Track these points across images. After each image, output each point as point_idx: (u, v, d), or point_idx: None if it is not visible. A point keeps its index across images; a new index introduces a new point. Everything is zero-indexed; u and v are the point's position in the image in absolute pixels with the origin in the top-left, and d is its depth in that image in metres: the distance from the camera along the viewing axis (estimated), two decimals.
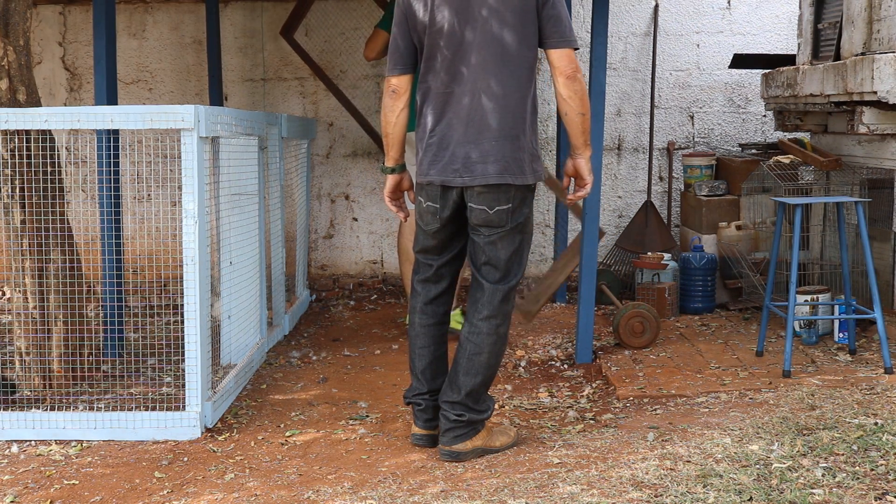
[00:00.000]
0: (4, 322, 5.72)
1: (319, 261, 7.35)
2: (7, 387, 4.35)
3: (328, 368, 5.18)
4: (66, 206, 4.59)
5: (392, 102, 3.72)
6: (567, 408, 4.36)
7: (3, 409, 4.08)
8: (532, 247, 4.73)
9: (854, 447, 3.41)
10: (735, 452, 3.41)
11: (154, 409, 4.14)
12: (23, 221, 4.40)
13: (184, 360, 4.00)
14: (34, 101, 4.50)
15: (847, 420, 3.72)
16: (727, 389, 4.37)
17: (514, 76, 3.60)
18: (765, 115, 7.19)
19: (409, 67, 3.72)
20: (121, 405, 4.27)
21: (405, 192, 3.95)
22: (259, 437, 4.02)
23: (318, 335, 5.97)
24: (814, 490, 3.06)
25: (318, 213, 7.32)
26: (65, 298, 4.45)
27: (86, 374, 4.54)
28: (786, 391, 4.26)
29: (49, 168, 4.39)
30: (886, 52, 5.02)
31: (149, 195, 6.67)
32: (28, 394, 4.39)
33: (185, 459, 3.76)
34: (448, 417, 3.68)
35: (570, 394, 4.61)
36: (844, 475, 3.17)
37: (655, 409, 4.19)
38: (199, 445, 3.90)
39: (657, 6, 7.13)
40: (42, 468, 3.70)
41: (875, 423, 3.64)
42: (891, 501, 2.98)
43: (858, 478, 3.15)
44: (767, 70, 6.68)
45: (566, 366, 5.08)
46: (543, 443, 3.81)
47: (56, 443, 3.95)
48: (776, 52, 7.03)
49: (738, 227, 6.26)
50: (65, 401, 4.32)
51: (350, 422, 4.24)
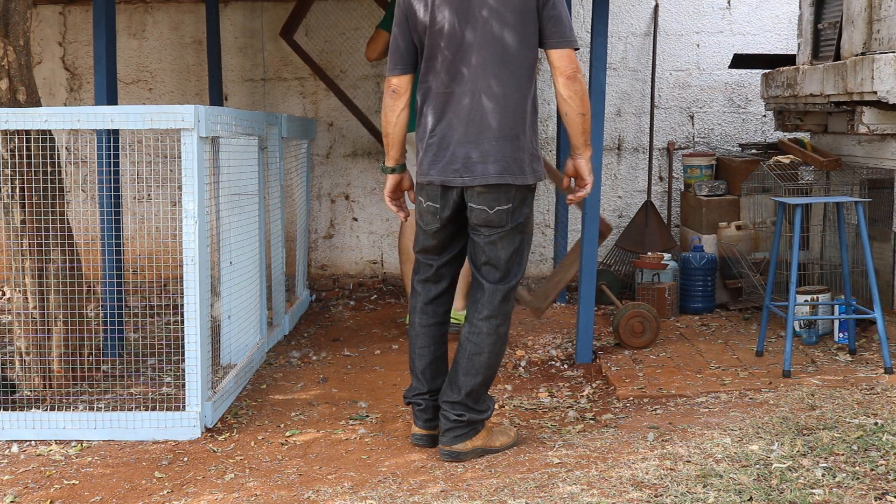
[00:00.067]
0: (4, 322, 5.72)
1: (319, 261, 7.35)
2: (8, 387, 4.34)
3: (328, 368, 5.18)
4: (66, 206, 4.59)
5: (392, 102, 3.72)
6: (567, 408, 4.36)
7: (3, 409, 4.08)
8: (532, 247, 4.73)
9: (854, 447, 3.41)
10: (735, 452, 3.41)
11: (154, 409, 4.14)
12: (23, 221, 4.40)
13: (184, 360, 4.00)
14: (34, 101, 4.50)
15: (847, 420, 3.72)
16: (727, 389, 4.37)
17: (515, 76, 3.60)
18: (765, 115, 7.19)
19: (410, 67, 3.72)
20: (121, 405, 4.27)
21: (405, 192, 3.95)
22: (259, 437, 4.02)
23: (318, 335, 5.97)
24: (814, 490, 3.06)
25: (318, 213, 7.32)
26: (65, 298, 4.44)
27: (86, 374, 4.54)
28: (786, 391, 4.26)
29: (49, 168, 4.39)
30: (886, 52, 5.02)
31: (149, 195, 6.67)
32: (28, 394, 4.39)
33: (185, 459, 3.76)
34: (448, 417, 3.68)
35: (570, 394, 4.61)
36: (844, 475, 3.17)
37: (655, 409, 4.19)
38: (199, 445, 3.90)
39: (657, 6, 7.13)
40: (42, 468, 3.70)
41: (875, 423, 3.64)
42: (891, 501, 2.98)
43: (858, 478, 3.15)
44: (767, 70, 6.68)
45: (566, 366, 5.08)
46: (543, 443, 3.81)
47: (56, 443, 3.95)
48: (776, 52, 7.03)
49: (738, 227, 6.26)
50: (65, 401, 4.32)
51: (350, 422, 4.24)
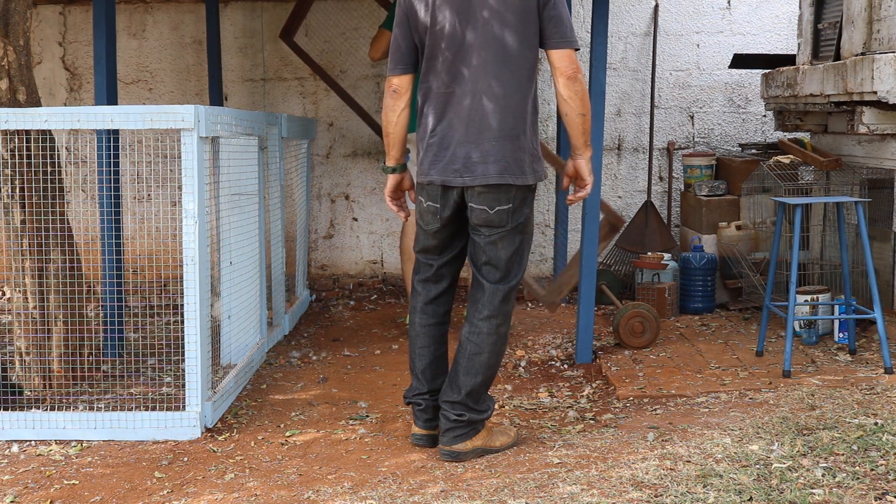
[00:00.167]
0: (4, 322, 5.72)
1: (319, 261, 7.35)
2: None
3: (328, 368, 5.18)
4: (66, 206, 4.59)
5: (393, 102, 3.72)
6: (567, 408, 4.36)
7: (3, 409, 4.08)
8: (532, 247, 4.73)
9: (854, 447, 3.41)
10: (735, 452, 3.41)
11: (154, 409, 4.14)
12: (23, 221, 4.40)
13: (184, 360, 4.00)
14: (34, 101, 4.50)
15: (847, 420, 3.72)
16: (727, 389, 4.37)
17: (515, 76, 3.60)
18: (765, 115, 7.19)
19: (411, 67, 3.72)
20: (121, 405, 4.27)
21: (406, 192, 3.95)
22: (259, 437, 4.02)
23: (318, 335, 5.97)
24: (814, 490, 3.06)
25: (318, 213, 7.32)
26: (65, 298, 4.45)
27: (86, 374, 4.54)
28: (786, 391, 4.26)
29: (49, 168, 4.39)
30: (886, 52, 5.02)
31: (149, 195, 6.67)
32: (28, 394, 4.39)
33: (185, 459, 3.76)
34: (448, 417, 3.68)
35: (570, 394, 4.61)
36: (844, 475, 3.17)
37: (655, 409, 4.19)
38: (199, 445, 3.90)
39: (657, 6, 7.13)
40: (42, 468, 3.70)
41: (875, 423, 3.64)
42: (891, 501, 2.98)
43: (858, 478, 3.15)
44: (767, 70, 6.68)
45: (566, 366, 5.08)
46: (543, 443, 3.81)
47: (56, 443, 3.94)
48: (776, 52, 7.03)
49: (738, 227, 6.26)
50: (65, 401, 4.32)
51: (350, 422, 4.24)
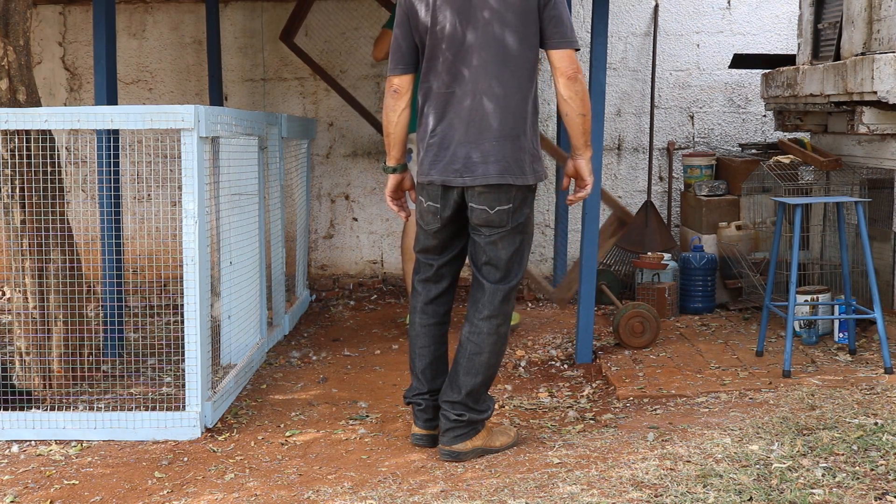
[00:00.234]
0: (4, 322, 5.72)
1: (319, 261, 7.35)
2: (9, 387, 4.33)
3: (328, 368, 5.18)
4: (66, 206, 4.59)
5: (394, 102, 3.72)
6: (567, 408, 4.36)
7: (3, 409, 4.07)
8: (532, 247, 4.73)
9: (854, 447, 3.41)
10: (735, 452, 3.41)
11: (154, 409, 4.14)
12: (23, 221, 4.40)
13: (184, 360, 4.00)
14: (34, 101, 4.50)
15: (847, 420, 3.72)
16: (727, 389, 4.37)
17: (516, 77, 3.60)
18: (765, 115, 7.19)
19: (411, 67, 3.72)
20: (121, 405, 4.27)
21: (407, 192, 3.95)
22: (259, 437, 4.02)
23: (318, 335, 5.97)
24: (814, 490, 3.06)
25: (318, 213, 7.32)
26: (65, 298, 4.44)
27: (86, 374, 4.54)
28: (786, 391, 4.26)
29: (49, 168, 4.39)
30: (886, 52, 5.02)
31: (149, 195, 6.67)
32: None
33: (185, 459, 3.76)
34: (448, 417, 3.68)
35: (570, 394, 4.61)
36: (844, 475, 3.17)
37: (655, 409, 4.19)
38: (199, 445, 3.90)
39: (657, 6, 7.13)
40: (42, 468, 3.70)
41: (875, 423, 3.64)
42: (891, 501, 2.98)
43: (858, 478, 3.15)
44: (767, 70, 6.68)
45: (566, 366, 5.08)
46: (543, 443, 3.81)
47: (56, 443, 3.94)
48: (776, 52, 7.03)
49: (738, 227, 6.26)
50: (65, 401, 4.32)
51: (350, 422, 4.24)
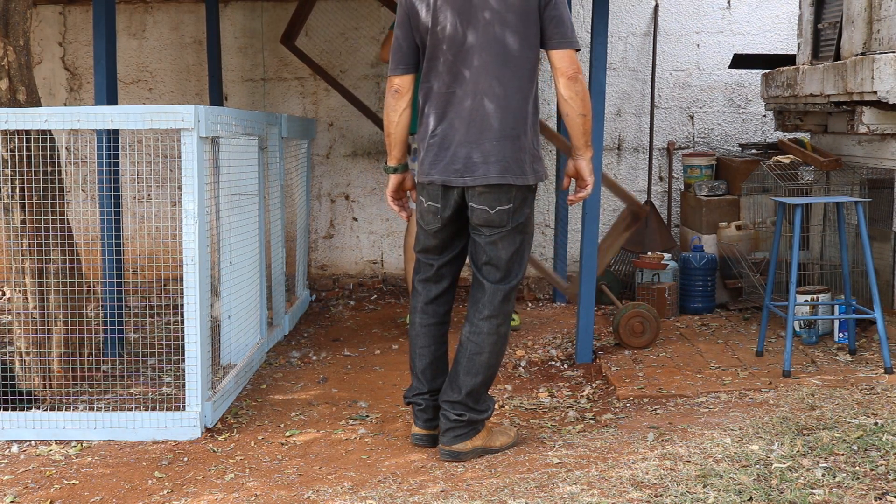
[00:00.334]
0: (4, 322, 5.72)
1: (319, 261, 7.35)
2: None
3: (328, 368, 5.18)
4: (66, 206, 4.59)
5: (394, 102, 3.72)
6: (567, 408, 4.36)
7: (3, 409, 4.07)
8: (532, 247, 4.73)
9: (854, 447, 3.41)
10: (735, 452, 3.41)
11: (154, 409, 4.14)
12: (23, 221, 4.40)
13: (184, 360, 4.00)
14: (34, 101, 4.50)
15: (847, 420, 3.72)
16: (727, 389, 4.37)
17: (516, 77, 3.60)
18: (765, 115, 7.19)
19: (412, 67, 3.72)
20: (121, 405, 4.27)
21: (407, 192, 3.95)
22: (259, 437, 4.02)
23: (318, 335, 5.97)
24: (814, 490, 3.06)
25: (318, 213, 7.32)
26: (65, 298, 4.44)
27: (86, 374, 4.54)
28: (786, 391, 4.26)
29: (49, 168, 4.39)
30: (886, 52, 5.02)
31: (149, 195, 6.67)
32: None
33: (185, 459, 3.76)
34: (448, 417, 3.68)
35: (570, 394, 4.61)
36: (844, 475, 3.17)
37: (655, 409, 4.19)
38: (199, 445, 3.90)
39: (657, 6, 7.13)
40: (42, 468, 3.70)
41: (875, 423, 3.64)
42: (891, 501, 2.98)
43: (858, 478, 3.15)
44: (767, 70, 6.68)
45: (566, 366, 5.08)
46: (543, 443, 3.81)
47: (56, 443, 3.94)
48: (776, 52, 7.03)
49: (738, 227, 6.26)
50: (65, 401, 4.32)
51: (350, 422, 4.24)
